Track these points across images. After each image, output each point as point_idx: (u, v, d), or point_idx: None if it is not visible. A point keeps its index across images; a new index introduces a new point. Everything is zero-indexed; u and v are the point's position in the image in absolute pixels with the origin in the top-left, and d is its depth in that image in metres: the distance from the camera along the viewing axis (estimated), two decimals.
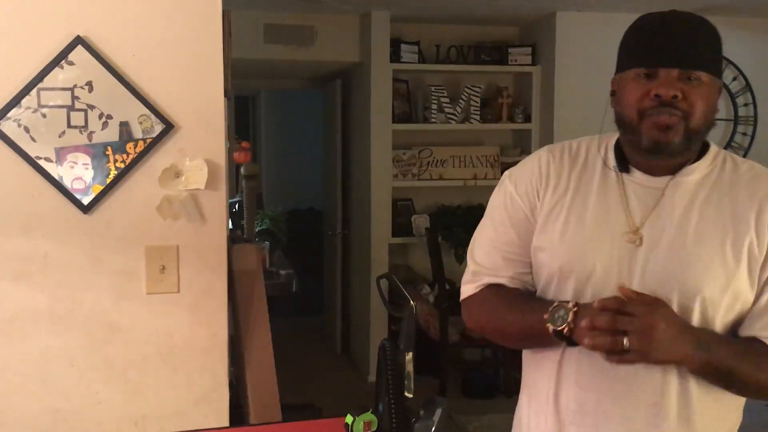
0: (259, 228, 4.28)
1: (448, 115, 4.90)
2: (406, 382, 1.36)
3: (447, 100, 4.89)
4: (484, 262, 1.39)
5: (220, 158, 1.85)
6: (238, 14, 4.28)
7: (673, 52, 1.20)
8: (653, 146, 1.21)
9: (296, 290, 3.83)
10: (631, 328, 1.10)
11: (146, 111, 1.78)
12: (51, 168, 1.75)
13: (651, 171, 1.28)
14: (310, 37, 4.76)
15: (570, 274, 1.28)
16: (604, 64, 5.47)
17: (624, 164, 1.29)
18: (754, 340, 1.24)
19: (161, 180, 1.80)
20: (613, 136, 1.34)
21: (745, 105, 4.99)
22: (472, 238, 1.45)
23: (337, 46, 4.84)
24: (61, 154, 1.76)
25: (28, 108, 1.73)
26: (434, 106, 4.90)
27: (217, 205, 1.85)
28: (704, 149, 1.30)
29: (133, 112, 1.78)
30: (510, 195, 1.37)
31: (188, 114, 1.82)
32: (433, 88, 4.91)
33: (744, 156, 4.97)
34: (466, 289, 1.43)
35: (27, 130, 1.73)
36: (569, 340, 1.20)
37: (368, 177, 4.81)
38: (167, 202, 1.81)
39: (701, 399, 1.26)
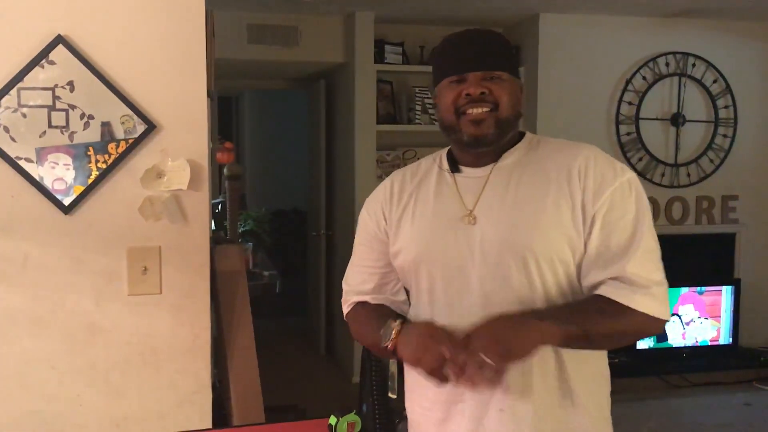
0: (242, 229, 4.27)
1: (432, 117, 4.91)
2: (389, 383, 1.36)
3: (431, 101, 4.90)
4: (350, 281, 1.61)
5: (203, 159, 1.84)
6: (222, 14, 4.26)
7: (476, 58, 1.40)
8: (472, 140, 1.41)
9: (280, 291, 3.83)
10: (473, 355, 1.21)
11: (128, 111, 1.77)
12: (31, 168, 1.74)
13: (477, 164, 1.46)
14: (294, 38, 4.75)
15: (422, 262, 1.45)
16: (587, 65, 5.52)
17: (455, 166, 1.49)
18: (593, 297, 1.36)
19: (143, 180, 1.79)
20: (446, 149, 1.55)
21: (726, 107, 5.04)
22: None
23: (321, 47, 4.83)
24: (41, 154, 1.74)
25: (8, 108, 1.71)
26: (418, 107, 4.90)
27: (199, 205, 1.84)
28: (520, 139, 1.49)
29: (115, 112, 1.76)
30: (363, 219, 1.59)
31: (171, 114, 1.81)
32: (417, 89, 4.92)
33: (725, 157, 5.03)
34: (344, 309, 1.62)
35: (7, 129, 1.72)
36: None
37: (352, 178, 4.81)
38: (149, 203, 1.80)
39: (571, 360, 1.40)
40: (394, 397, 1.37)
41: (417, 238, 1.47)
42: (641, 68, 4.87)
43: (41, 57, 1.72)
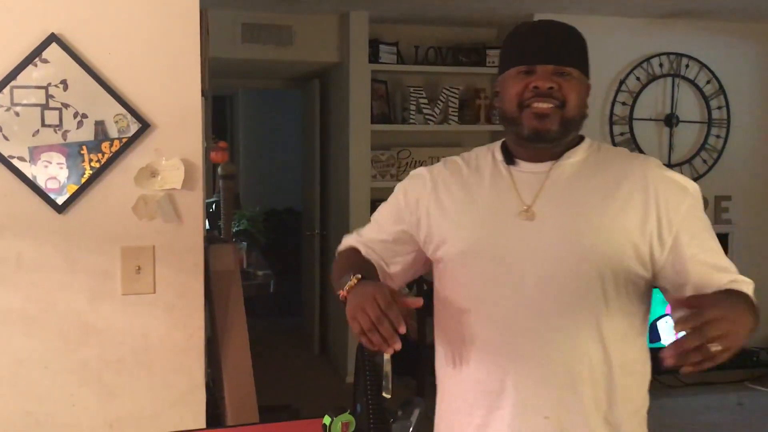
0: (236, 228, 4.26)
1: (427, 116, 4.91)
2: (384, 382, 1.36)
3: (425, 101, 4.90)
4: (362, 231, 1.58)
5: (197, 158, 1.84)
6: (216, 13, 4.25)
7: (548, 51, 1.35)
8: (533, 134, 1.35)
9: (274, 291, 3.82)
10: (719, 334, 1.11)
11: (122, 110, 1.76)
12: (24, 167, 1.73)
13: (535, 160, 1.41)
14: (289, 37, 4.74)
15: (470, 255, 1.39)
16: None
17: (510, 158, 1.44)
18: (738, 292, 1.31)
19: (137, 180, 1.79)
20: (500, 141, 1.50)
21: (719, 108, 5.06)
22: None
23: (316, 46, 4.83)
24: (35, 153, 1.73)
25: (0, 106, 1.71)
26: (413, 107, 4.91)
27: (193, 205, 1.84)
28: (580, 141, 1.44)
29: (108, 111, 1.76)
30: (403, 189, 1.53)
31: (165, 113, 1.80)
32: (411, 89, 4.92)
33: (718, 157, 5.05)
34: (339, 247, 1.60)
35: (0, 128, 1.71)
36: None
37: (347, 177, 4.81)
38: (143, 202, 1.79)
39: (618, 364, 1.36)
40: (389, 396, 1.37)
41: (466, 228, 1.41)
42: (635, 69, 4.88)
43: (34, 55, 1.71)
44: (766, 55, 5.11)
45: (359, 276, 1.32)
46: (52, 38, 1.72)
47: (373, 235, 1.55)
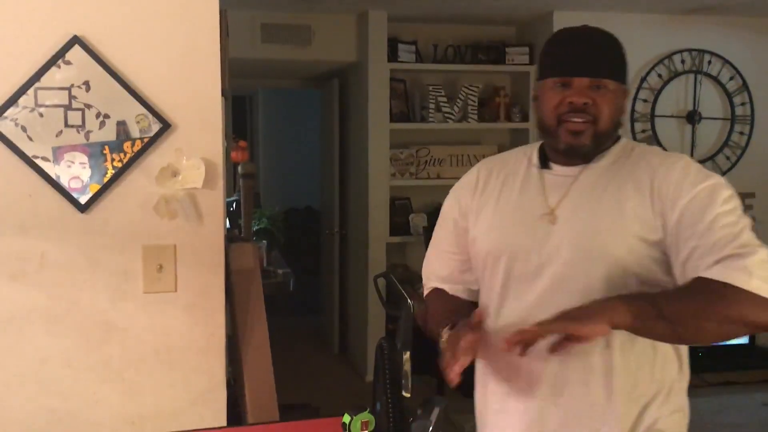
0: (256, 227, 4.28)
1: (446, 115, 4.90)
2: (403, 381, 1.36)
3: (444, 99, 4.89)
4: (431, 265, 1.65)
5: (218, 157, 1.85)
6: (236, 14, 4.28)
7: (584, 63, 1.39)
8: (568, 149, 1.42)
9: (294, 289, 3.83)
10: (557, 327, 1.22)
11: (143, 110, 1.78)
12: (48, 167, 1.75)
13: (568, 163, 1.46)
14: (307, 37, 4.75)
15: (498, 255, 1.46)
16: None
17: (545, 162, 1.49)
18: (695, 281, 1.27)
19: (158, 179, 1.80)
20: (539, 143, 1.54)
21: (742, 104, 5.00)
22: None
23: (335, 46, 4.84)
24: (58, 153, 1.75)
25: (25, 107, 1.73)
26: (432, 106, 4.90)
27: (214, 204, 1.85)
28: (617, 142, 1.48)
29: (130, 111, 1.77)
30: (449, 205, 1.63)
31: (185, 113, 1.81)
32: (430, 88, 4.92)
33: (741, 154, 4.99)
34: (424, 292, 1.67)
35: (24, 129, 1.73)
36: None
37: (366, 176, 4.81)
38: (164, 201, 1.81)
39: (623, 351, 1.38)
40: (408, 395, 1.37)
41: (495, 229, 1.48)
42: (656, 65, 4.83)
43: (58, 57, 1.73)
44: None
45: (448, 331, 1.42)
46: (75, 40, 1.73)
47: (442, 270, 1.62)
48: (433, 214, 5.02)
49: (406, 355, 1.36)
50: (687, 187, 1.32)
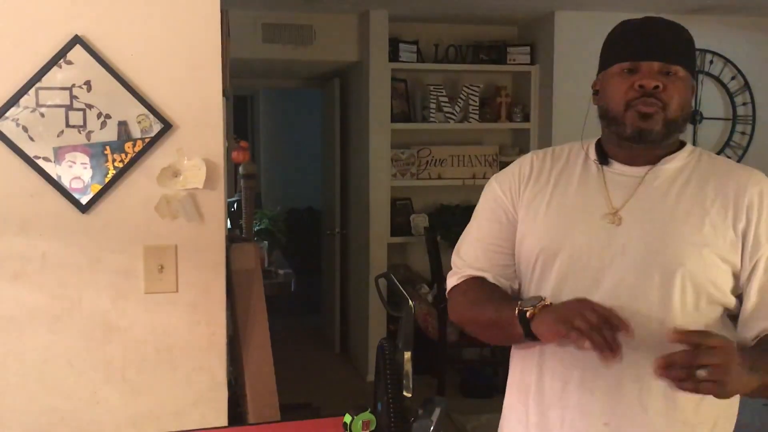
0: (257, 227, 4.28)
1: (447, 115, 4.90)
2: (404, 381, 1.36)
3: (446, 99, 4.89)
4: (468, 256, 1.49)
5: (219, 158, 1.85)
6: (237, 14, 4.28)
7: (654, 48, 1.31)
8: (636, 134, 1.31)
9: (295, 290, 3.83)
10: (710, 362, 1.09)
11: (145, 110, 1.78)
12: (49, 167, 1.75)
13: (631, 162, 1.37)
14: (309, 37, 4.75)
15: (553, 254, 1.36)
16: None
17: (604, 158, 1.39)
18: None
19: (160, 179, 1.80)
20: (594, 139, 1.45)
21: (744, 104, 4.99)
22: (459, 239, 1.54)
23: (336, 46, 4.84)
24: (59, 153, 1.75)
25: (26, 107, 1.73)
26: (433, 106, 4.89)
27: (215, 204, 1.85)
28: (681, 146, 1.39)
29: (131, 111, 1.78)
30: (494, 192, 1.48)
31: (187, 113, 1.81)
32: (431, 88, 4.91)
33: (743, 155, 4.98)
34: (451, 281, 1.52)
35: (25, 129, 1.73)
36: (528, 329, 1.27)
37: (367, 176, 4.81)
38: (165, 202, 1.81)
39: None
40: (409, 395, 1.37)
41: (550, 227, 1.37)
42: None
43: (59, 57, 1.73)
44: None
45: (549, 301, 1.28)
46: (76, 40, 1.74)
47: (480, 261, 1.46)
48: (434, 215, 5.04)
49: (407, 355, 1.36)
50: None
